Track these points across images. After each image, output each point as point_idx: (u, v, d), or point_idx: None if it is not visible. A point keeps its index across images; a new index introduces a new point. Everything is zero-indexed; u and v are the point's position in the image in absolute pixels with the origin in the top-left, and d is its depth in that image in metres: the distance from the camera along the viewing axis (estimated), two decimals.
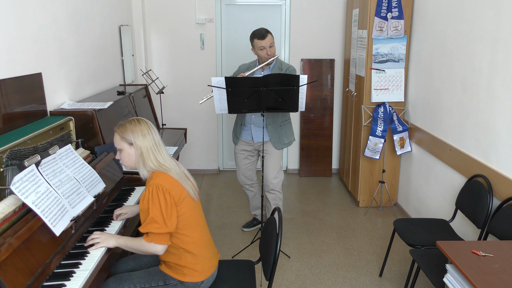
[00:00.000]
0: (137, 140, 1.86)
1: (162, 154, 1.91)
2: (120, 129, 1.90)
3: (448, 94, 3.05)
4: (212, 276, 2.00)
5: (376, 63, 3.74)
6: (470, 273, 1.66)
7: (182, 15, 4.69)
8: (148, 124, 1.93)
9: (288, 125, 3.31)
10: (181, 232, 1.88)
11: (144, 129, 1.89)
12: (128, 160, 1.91)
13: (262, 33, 3.07)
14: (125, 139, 1.88)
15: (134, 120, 1.92)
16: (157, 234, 1.80)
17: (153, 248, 1.82)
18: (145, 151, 1.87)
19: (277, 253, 1.87)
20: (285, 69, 3.16)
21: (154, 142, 1.90)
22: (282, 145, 3.26)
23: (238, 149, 3.41)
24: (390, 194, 4.05)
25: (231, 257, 3.19)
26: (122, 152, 1.91)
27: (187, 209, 1.89)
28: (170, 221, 1.80)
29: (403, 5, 3.60)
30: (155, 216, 1.79)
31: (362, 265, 3.10)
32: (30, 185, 1.73)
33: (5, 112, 2.11)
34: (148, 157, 1.87)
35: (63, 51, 2.83)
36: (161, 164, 1.88)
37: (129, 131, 1.88)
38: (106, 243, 1.90)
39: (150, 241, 1.81)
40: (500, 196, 2.43)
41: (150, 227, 1.79)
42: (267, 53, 3.10)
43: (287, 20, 4.81)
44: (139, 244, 1.86)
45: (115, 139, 1.92)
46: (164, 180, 1.83)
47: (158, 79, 4.23)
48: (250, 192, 3.55)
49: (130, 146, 1.88)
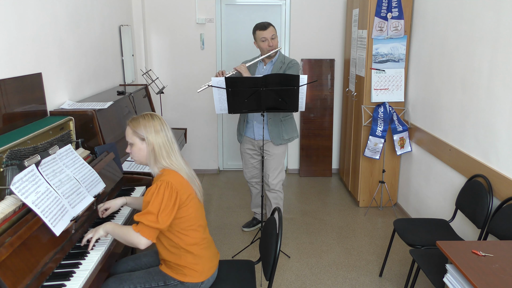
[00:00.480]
0: (149, 136, 1.84)
1: (174, 152, 1.89)
2: (132, 123, 1.88)
3: (448, 94, 3.05)
4: (212, 277, 1.99)
5: (376, 63, 3.74)
6: (470, 273, 1.66)
7: (182, 15, 4.69)
8: (161, 120, 1.90)
9: (289, 120, 3.28)
10: (184, 233, 1.87)
11: (157, 125, 1.87)
12: (139, 155, 1.89)
13: (264, 25, 3.07)
14: (137, 133, 1.86)
15: (148, 115, 1.89)
16: (146, 227, 1.77)
17: (137, 239, 1.78)
18: (157, 147, 1.85)
19: (277, 253, 1.87)
20: (287, 62, 3.13)
21: (167, 139, 1.88)
22: (282, 141, 3.23)
23: (244, 148, 3.41)
24: (390, 194, 4.05)
25: (231, 257, 3.19)
26: (133, 147, 1.89)
27: (192, 210, 1.88)
28: (164, 218, 1.77)
29: (403, 5, 3.60)
30: (153, 208, 1.76)
31: (362, 265, 3.10)
32: (30, 185, 1.73)
33: (5, 112, 2.11)
34: (160, 153, 1.85)
35: (63, 51, 2.83)
36: (172, 162, 1.86)
37: (141, 126, 1.85)
38: (97, 234, 1.87)
39: (137, 231, 1.77)
40: (500, 196, 2.43)
41: (143, 218, 1.77)
42: (268, 44, 3.07)
43: (287, 20, 4.81)
44: (126, 232, 1.82)
45: (127, 133, 1.89)
46: (174, 179, 1.82)
47: (158, 79, 4.22)
48: (254, 189, 3.56)
49: (142, 141, 1.86)
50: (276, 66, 3.17)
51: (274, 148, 3.25)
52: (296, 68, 3.12)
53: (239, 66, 3.10)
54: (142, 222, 1.77)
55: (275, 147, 3.25)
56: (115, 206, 2.15)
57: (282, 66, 3.14)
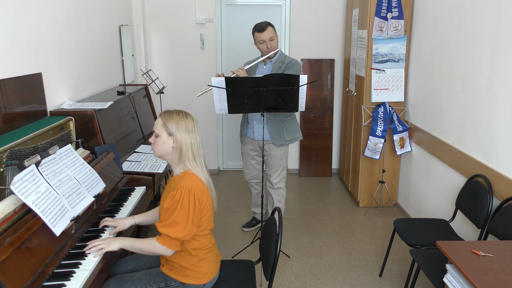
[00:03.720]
0: (179, 133, 1.82)
1: (200, 156, 1.87)
2: (165, 116, 1.85)
3: (448, 94, 3.05)
4: (214, 279, 1.99)
5: (376, 63, 3.74)
6: (470, 273, 1.66)
7: (182, 15, 4.69)
8: (194, 121, 1.88)
9: (291, 121, 3.26)
10: (194, 238, 1.86)
11: (189, 125, 1.85)
12: (161, 148, 1.86)
13: (262, 26, 3.06)
14: (166, 127, 1.83)
15: (182, 112, 1.88)
16: (173, 239, 1.76)
17: (165, 251, 1.79)
18: (184, 147, 1.82)
19: (277, 253, 1.87)
20: (287, 62, 3.12)
21: (196, 141, 1.86)
22: (283, 142, 3.22)
23: (245, 149, 3.41)
24: (390, 194, 4.05)
25: (231, 257, 3.19)
26: (158, 138, 1.86)
27: (207, 217, 1.87)
28: (191, 229, 1.77)
29: (403, 5, 3.60)
30: (180, 220, 1.74)
31: (362, 265, 3.10)
32: (30, 185, 1.73)
33: (5, 112, 2.11)
34: (187, 154, 1.83)
35: (63, 51, 2.83)
36: (197, 165, 1.84)
37: (174, 121, 1.83)
38: (110, 247, 1.83)
39: (164, 244, 1.77)
40: (500, 196, 2.43)
41: (169, 230, 1.74)
42: (267, 46, 3.08)
43: (287, 20, 4.80)
44: (148, 245, 1.81)
45: (157, 123, 1.86)
46: (196, 185, 1.80)
47: (158, 79, 4.22)
48: (254, 190, 3.57)
49: (169, 136, 1.84)
50: (275, 66, 3.17)
51: (275, 149, 3.24)
52: (296, 67, 3.11)
53: (237, 69, 3.08)
54: (168, 235, 1.75)
55: (276, 148, 3.24)
56: (123, 226, 2.07)
57: (281, 66, 3.14)
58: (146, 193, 2.64)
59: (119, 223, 2.07)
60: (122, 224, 2.07)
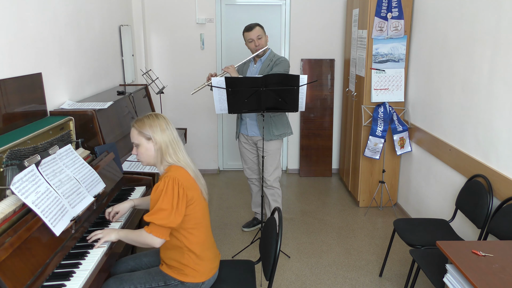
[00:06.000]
0: (155, 135, 1.85)
1: (181, 149, 1.90)
2: (137, 124, 1.88)
3: (448, 94, 3.05)
4: (213, 277, 1.99)
5: (376, 63, 3.74)
6: (470, 273, 1.66)
7: (182, 15, 4.69)
8: (166, 119, 1.92)
9: (279, 116, 3.27)
10: (189, 231, 1.87)
11: (162, 124, 1.88)
12: (146, 155, 1.89)
13: (251, 26, 3.17)
14: (143, 134, 1.87)
15: (152, 115, 1.91)
16: (158, 226, 1.78)
17: (151, 239, 1.80)
18: (164, 146, 1.86)
19: (277, 253, 1.87)
20: (275, 59, 3.19)
21: (173, 137, 1.89)
22: (272, 136, 3.24)
23: (241, 143, 3.48)
24: (390, 194, 4.05)
25: (231, 257, 3.19)
26: (139, 147, 1.89)
27: (198, 208, 1.89)
28: (176, 216, 1.78)
29: (403, 5, 3.60)
30: (163, 206, 1.76)
31: (362, 265, 3.10)
32: (30, 185, 1.73)
33: (5, 112, 2.11)
34: (167, 152, 1.86)
35: (63, 51, 2.83)
36: (179, 158, 1.88)
37: (147, 125, 1.86)
38: (108, 237, 1.91)
39: (150, 232, 1.79)
40: (500, 196, 2.43)
41: (154, 218, 1.77)
42: (255, 44, 3.17)
43: (287, 20, 4.80)
44: (138, 235, 1.85)
45: (132, 134, 1.90)
46: (181, 176, 1.83)
47: (158, 79, 4.22)
48: (254, 187, 3.58)
49: (148, 141, 1.87)
50: (264, 64, 3.23)
51: (266, 144, 3.27)
52: (284, 64, 3.15)
53: (227, 67, 3.17)
54: (153, 222, 1.78)
55: (267, 143, 3.28)
56: (123, 209, 2.17)
57: (270, 64, 3.20)
58: (146, 193, 2.64)
59: (119, 208, 2.16)
60: (122, 209, 2.17)
